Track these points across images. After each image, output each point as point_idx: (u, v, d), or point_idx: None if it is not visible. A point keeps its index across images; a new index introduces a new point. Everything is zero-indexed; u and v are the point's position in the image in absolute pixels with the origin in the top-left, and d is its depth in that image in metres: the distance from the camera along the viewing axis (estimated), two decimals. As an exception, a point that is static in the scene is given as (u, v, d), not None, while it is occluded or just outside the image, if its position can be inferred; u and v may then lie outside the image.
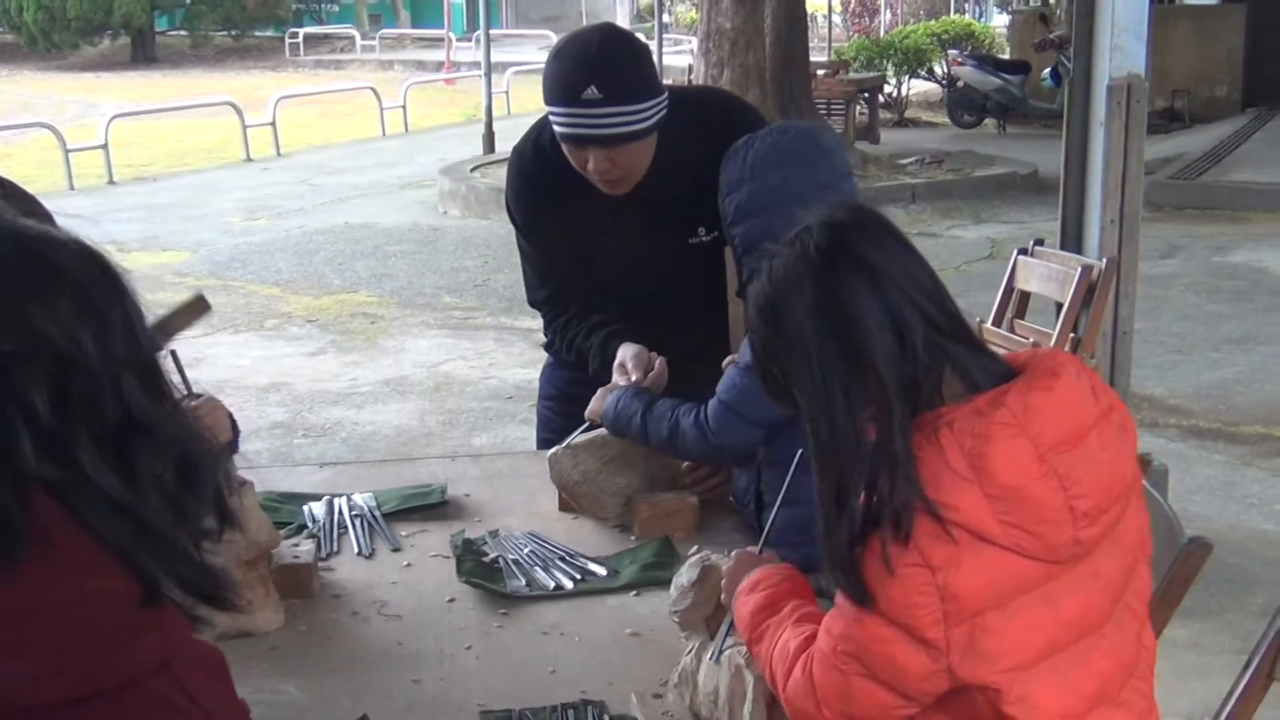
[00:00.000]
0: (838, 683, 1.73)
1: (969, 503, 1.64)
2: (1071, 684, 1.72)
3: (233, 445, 2.39)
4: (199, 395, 2.29)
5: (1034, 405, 1.69)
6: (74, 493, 1.38)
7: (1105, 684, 1.77)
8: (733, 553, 2.09)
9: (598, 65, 2.76)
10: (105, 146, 15.64)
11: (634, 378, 2.81)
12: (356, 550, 2.63)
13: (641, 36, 3.48)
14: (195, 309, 2.40)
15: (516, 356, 7.83)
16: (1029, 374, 1.74)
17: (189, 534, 1.47)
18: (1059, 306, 4.74)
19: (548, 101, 2.84)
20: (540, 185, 3.05)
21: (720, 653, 1.97)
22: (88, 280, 1.43)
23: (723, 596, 2.03)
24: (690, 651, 2.03)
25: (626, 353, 2.89)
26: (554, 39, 4.86)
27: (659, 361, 2.85)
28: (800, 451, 2.50)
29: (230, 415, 2.43)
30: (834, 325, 1.71)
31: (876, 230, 1.78)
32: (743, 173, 2.60)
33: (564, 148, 2.87)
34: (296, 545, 2.51)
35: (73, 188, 14.76)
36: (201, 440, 1.52)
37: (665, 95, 2.88)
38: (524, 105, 19.87)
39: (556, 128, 2.84)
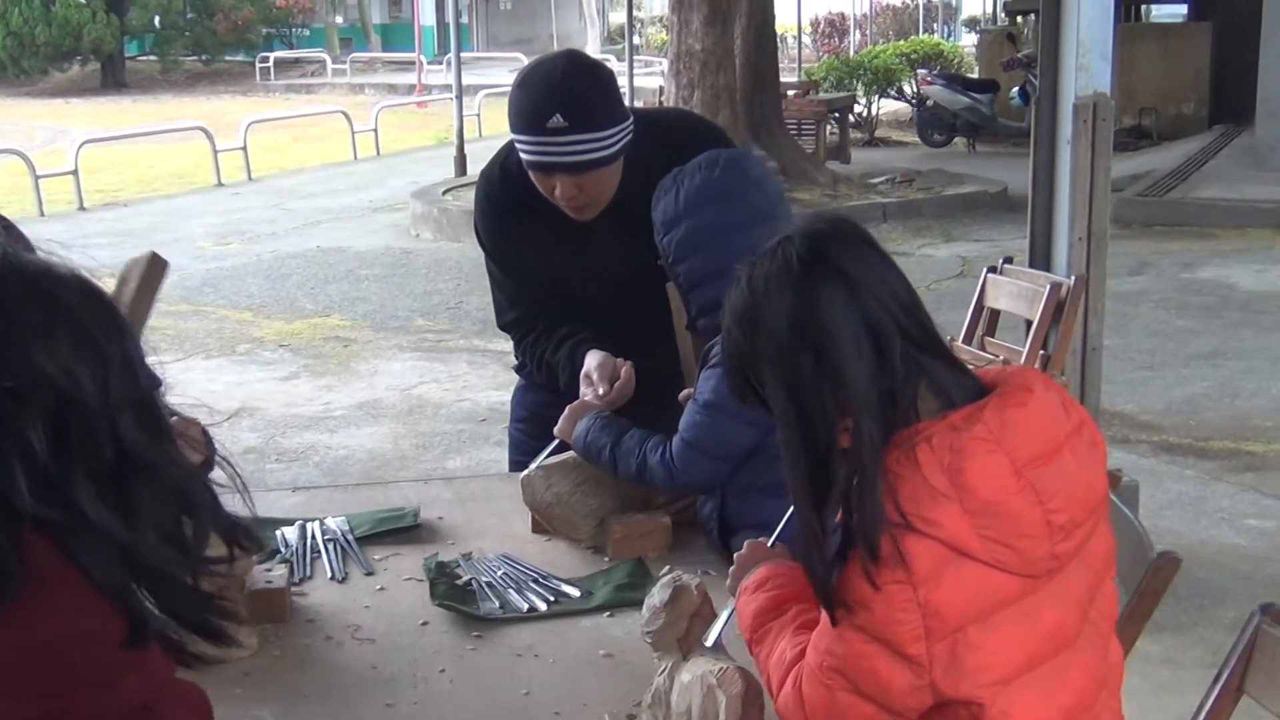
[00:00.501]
0: (824, 697, 1.74)
1: (950, 518, 1.65)
2: (1050, 698, 1.74)
3: (209, 463, 2.38)
4: (175, 414, 2.28)
5: (1010, 421, 1.70)
6: (69, 533, 1.37)
7: (1081, 698, 1.78)
8: (745, 541, 2.10)
9: (562, 94, 2.77)
10: (75, 172, 15.60)
11: (600, 390, 2.82)
12: (329, 574, 2.63)
13: (612, 58, 3.50)
14: (155, 273, 2.34)
15: (490, 379, 7.82)
16: (1002, 390, 1.75)
17: (189, 569, 1.47)
18: (1029, 324, 4.77)
19: (514, 130, 2.86)
20: (508, 209, 3.06)
21: (716, 644, 1.97)
22: (88, 317, 1.42)
23: (728, 584, 2.04)
24: (663, 672, 2.03)
25: (591, 362, 2.90)
26: (525, 61, 4.84)
27: (625, 369, 2.86)
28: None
29: (206, 432, 2.42)
30: (810, 334, 1.71)
31: (856, 242, 1.79)
32: (677, 211, 2.62)
33: (531, 175, 2.88)
34: (269, 570, 2.50)
35: (43, 214, 14.71)
36: (199, 476, 1.52)
37: (630, 120, 2.89)
38: (495, 127, 19.89)
39: (523, 156, 2.86)
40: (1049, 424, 1.74)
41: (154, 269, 2.36)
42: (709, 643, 1.97)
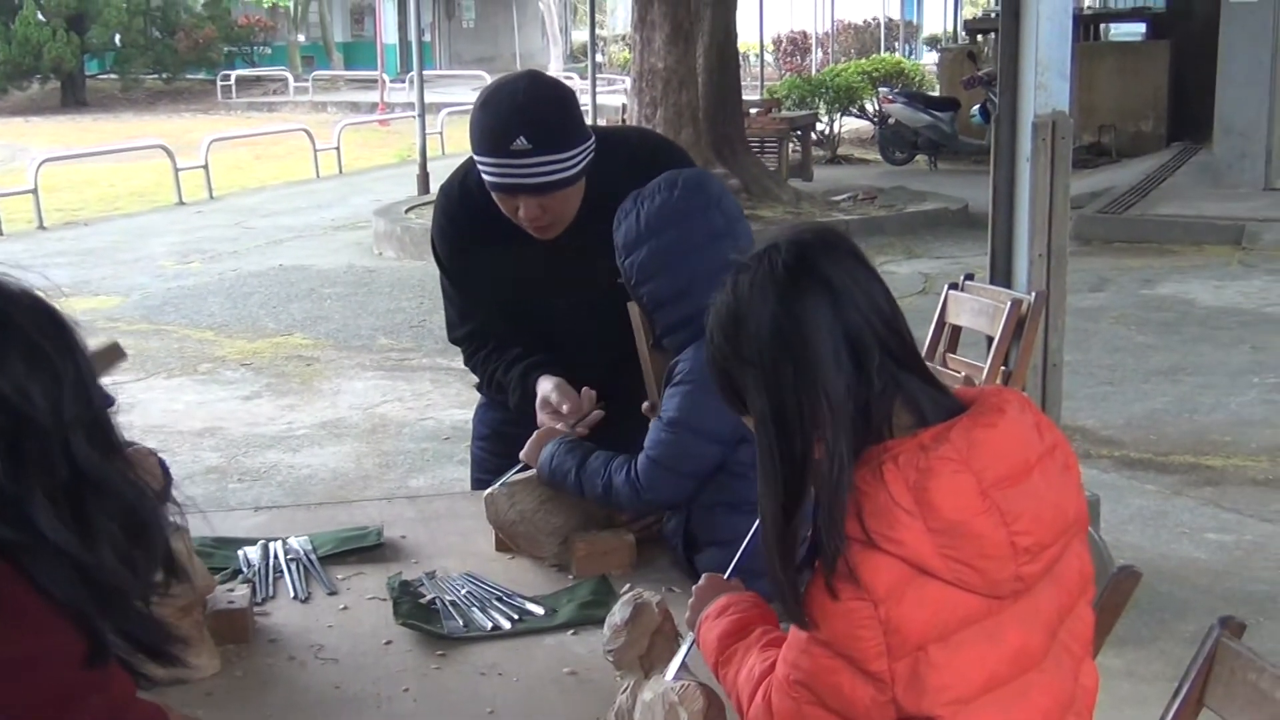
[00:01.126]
0: (791, 710, 1.74)
1: (912, 536, 1.65)
2: (1011, 718, 1.74)
3: (165, 494, 2.37)
4: (131, 444, 2.27)
5: (978, 441, 1.71)
6: (27, 552, 1.36)
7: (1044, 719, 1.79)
8: (703, 575, 2.10)
9: (525, 115, 2.78)
10: (35, 191, 15.49)
11: (564, 409, 2.84)
12: (292, 594, 2.62)
13: (575, 77, 3.50)
14: (109, 357, 2.37)
15: (453, 397, 7.81)
16: (974, 410, 1.76)
17: (139, 589, 1.46)
18: (990, 340, 4.79)
19: (476, 152, 2.86)
20: (466, 227, 3.06)
21: (677, 671, 1.97)
22: (39, 335, 1.42)
23: (687, 616, 2.04)
24: (626, 690, 2.03)
25: (547, 386, 2.91)
26: (488, 79, 4.84)
27: (587, 396, 2.87)
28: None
29: (163, 463, 2.41)
30: (791, 343, 1.72)
31: (842, 253, 1.80)
32: (638, 233, 2.64)
33: (494, 195, 2.89)
34: (231, 590, 2.49)
35: (1, 233, 14.61)
36: (150, 495, 1.51)
37: (592, 140, 2.90)
38: (458, 145, 19.88)
39: (486, 177, 2.85)
40: (1019, 445, 1.74)
41: (110, 357, 2.37)
42: (669, 677, 1.96)
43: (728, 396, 1.84)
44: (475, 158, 2.88)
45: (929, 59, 30.98)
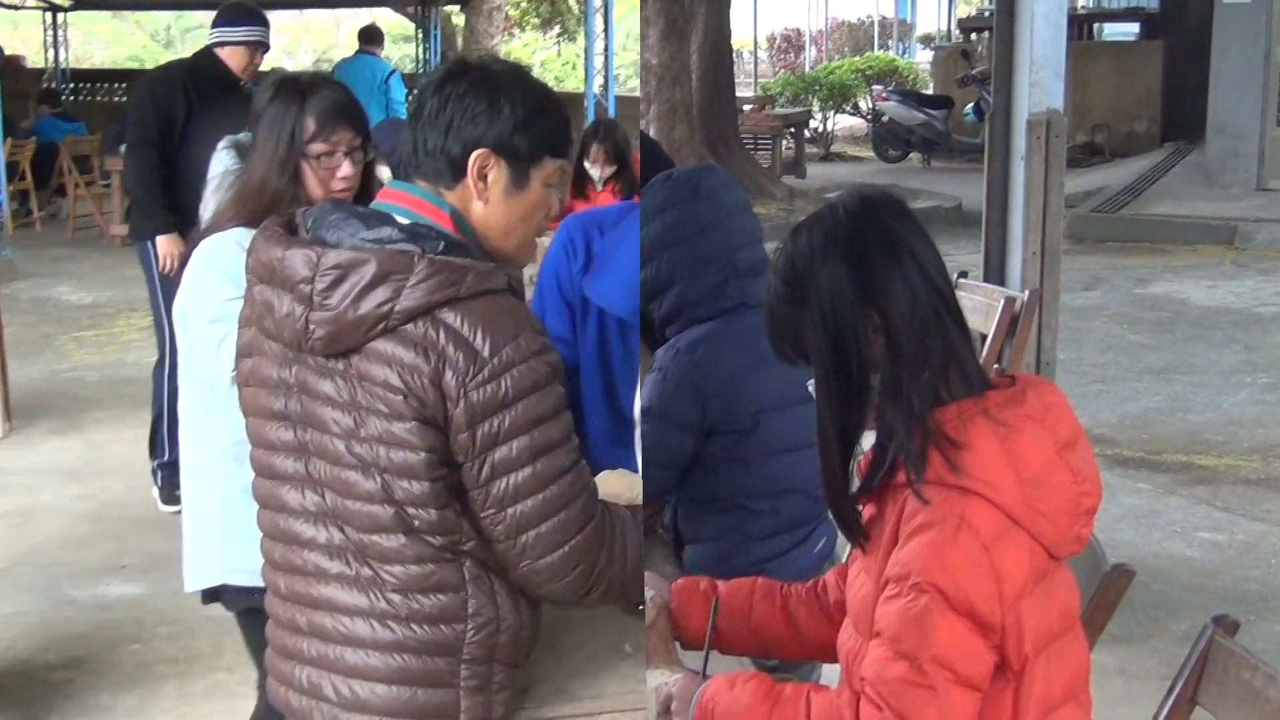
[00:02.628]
0: (929, 699, 1.71)
1: (1007, 484, 1.73)
2: (1054, 675, 1.81)
3: None
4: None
5: (1050, 404, 1.82)
6: None
7: (1074, 679, 1.86)
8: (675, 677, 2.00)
9: None
10: None
11: None
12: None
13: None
14: None
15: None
16: (1031, 381, 1.87)
17: None
18: (983, 338, 4.79)
19: None
20: None
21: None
22: None
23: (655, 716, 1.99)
24: None
25: None
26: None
27: None
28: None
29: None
30: (853, 283, 1.80)
31: (902, 212, 1.90)
32: None
33: None
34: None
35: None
36: None
37: None
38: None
39: None
40: (1070, 416, 1.86)
41: None
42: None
43: (783, 345, 1.88)
44: None
45: (923, 57, 30.95)
